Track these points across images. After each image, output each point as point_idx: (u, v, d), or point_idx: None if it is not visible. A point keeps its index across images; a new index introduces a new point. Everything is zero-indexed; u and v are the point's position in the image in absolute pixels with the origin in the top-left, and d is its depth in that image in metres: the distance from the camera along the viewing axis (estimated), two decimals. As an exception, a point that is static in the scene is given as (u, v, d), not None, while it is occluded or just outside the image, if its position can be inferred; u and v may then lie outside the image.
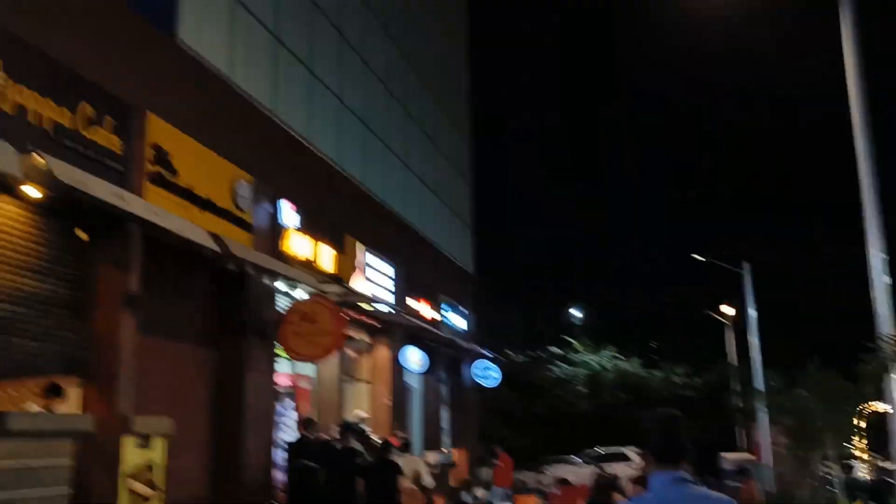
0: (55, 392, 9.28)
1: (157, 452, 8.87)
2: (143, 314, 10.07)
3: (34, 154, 7.10)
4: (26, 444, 6.94)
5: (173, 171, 10.45)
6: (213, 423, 11.77)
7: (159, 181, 10.19)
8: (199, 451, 11.41)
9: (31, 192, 8.52)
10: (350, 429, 12.76)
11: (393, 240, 18.87)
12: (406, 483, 12.64)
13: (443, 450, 21.17)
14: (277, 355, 13.89)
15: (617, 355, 38.22)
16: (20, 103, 8.09)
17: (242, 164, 12.22)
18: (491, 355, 25.13)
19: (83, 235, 9.18)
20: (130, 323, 9.56)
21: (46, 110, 8.43)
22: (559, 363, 37.54)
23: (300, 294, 13.13)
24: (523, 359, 36.89)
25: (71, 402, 9.39)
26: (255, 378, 12.24)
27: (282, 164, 13.74)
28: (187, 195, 10.72)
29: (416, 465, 14.76)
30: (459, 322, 23.68)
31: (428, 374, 21.24)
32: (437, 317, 21.40)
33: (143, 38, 10.35)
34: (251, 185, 12.36)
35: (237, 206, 11.94)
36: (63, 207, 8.99)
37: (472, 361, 24.48)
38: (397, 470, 12.16)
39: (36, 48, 8.38)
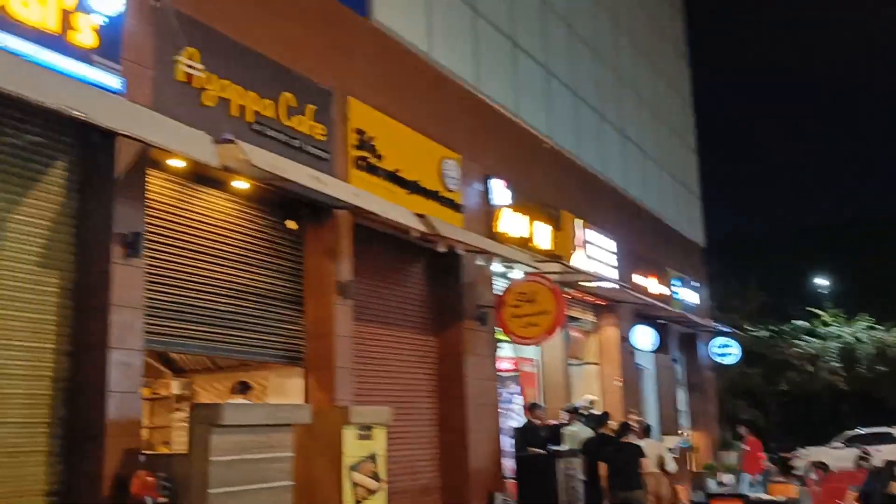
0: (244, 389, 9.35)
1: (378, 443, 8.61)
2: (358, 302, 9.91)
3: (232, 143, 6.97)
4: (246, 438, 6.84)
5: (378, 155, 10.20)
6: (435, 411, 11.49)
7: (365, 166, 9.97)
8: (423, 440, 11.17)
9: (239, 184, 8.54)
10: (576, 412, 12.04)
11: (614, 214, 17.86)
12: (649, 466, 11.74)
13: (681, 433, 19.90)
14: (498, 340, 13.46)
15: (874, 325, 34.49)
16: (223, 97, 8.07)
17: (449, 143, 11.82)
18: (728, 330, 23.39)
19: (293, 225, 9.11)
20: (345, 311, 9.40)
21: (249, 102, 8.38)
22: (805, 337, 34.45)
23: (517, 275, 12.55)
24: (766, 334, 34.18)
25: (292, 394, 9.41)
26: (476, 363, 11.83)
27: (490, 140, 13.23)
28: (394, 178, 10.45)
29: (659, 449, 13.80)
30: (691, 297, 22.18)
31: (660, 353, 20.01)
32: (667, 292, 20.10)
33: (338, 21, 10.17)
34: (459, 165, 11.94)
35: (446, 187, 11.55)
36: (271, 198, 8.97)
37: (709, 338, 22.92)
38: (639, 453, 11.30)
39: (238, 43, 8.34)
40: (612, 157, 18.50)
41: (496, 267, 12.64)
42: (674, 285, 20.91)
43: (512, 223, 13.06)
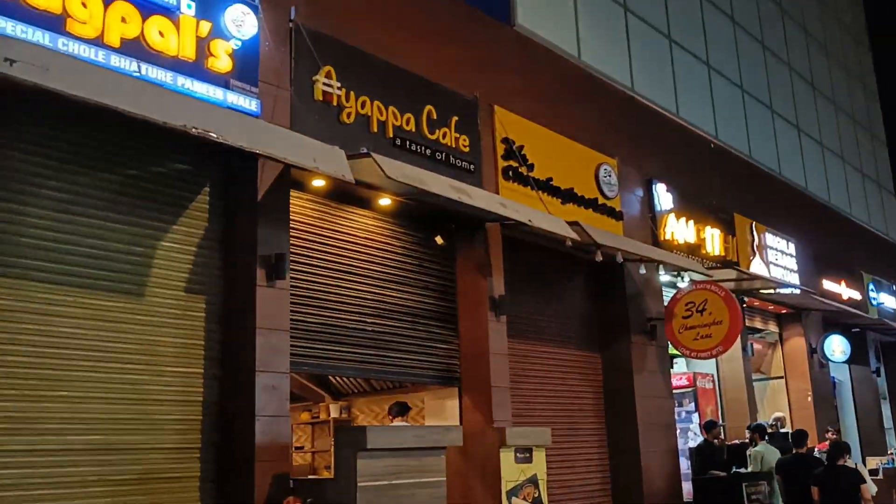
0: (402, 411, 9.06)
1: (539, 466, 8.13)
2: (513, 318, 9.50)
3: (368, 156, 6.78)
4: (395, 462, 6.57)
5: (529, 165, 9.78)
6: (602, 431, 10.85)
7: (514, 176, 9.57)
8: (590, 462, 10.55)
9: (383, 202, 8.37)
10: (760, 429, 11.02)
11: (794, 215, 16.52)
12: (869, 493, 10.21)
13: (891, 453, 18.01)
14: (673, 355, 12.65)
15: None
16: (362, 113, 7.94)
17: (604, 148, 11.23)
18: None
19: (441, 241, 8.84)
20: (499, 328, 9.01)
21: (389, 117, 8.21)
22: None
23: (686, 285, 11.71)
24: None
25: (450, 415, 9.09)
26: (647, 380, 11.09)
27: (649, 143, 12.50)
28: (546, 187, 9.98)
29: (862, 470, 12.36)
30: (891, 301, 20.19)
31: (857, 364, 18.31)
32: (861, 297, 18.36)
33: (480, 30, 9.88)
34: (616, 170, 11.32)
35: (603, 194, 10.95)
36: (417, 214, 8.75)
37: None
38: (858, 478, 9.75)
39: (376, 58, 8.21)
40: (788, 154, 17.15)
41: (664, 277, 11.87)
42: (870, 290, 19.09)
43: (678, 229, 12.24)
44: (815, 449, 13.64)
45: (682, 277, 11.74)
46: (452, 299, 9.07)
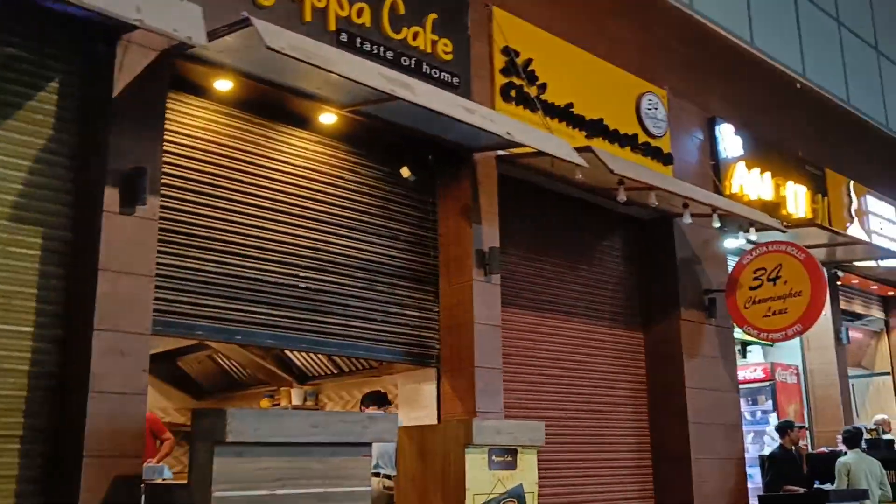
0: (380, 401, 7.06)
1: (526, 473, 5.93)
2: (517, 281, 7.36)
3: (247, 26, 4.72)
4: (280, 463, 4.53)
5: (540, 85, 7.57)
6: (643, 431, 8.54)
7: (517, 98, 7.38)
8: (626, 470, 8.26)
9: (326, 118, 6.33)
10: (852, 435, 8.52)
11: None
12: None
13: None
14: (746, 343, 10.26)
15: None
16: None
17: (649, 74, 8.91)
18: None
19: (408, 173, 6.72)
20: (489, 291, 6.83)
21: (332, 3, 6.16)
22: None
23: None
24: None
25: (424, 404, 7.00)
26: (703, 368, 8.71)
27: (713, 73, 10.06)
28: (564, 116, 7.75)
29: None
30: None
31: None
32: None
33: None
34: (666, 103, 8.96)
35: (646, 131, 8.63)
36: (382, 141, 6.70)
37: None
38: None
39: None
40: (897, 103, 14.24)
41: (732, 244, 9.44)
42: None
43: (750, 182, 9.77)
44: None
45: (752, 240, 9.25)
46: (430, 253, 6.96)
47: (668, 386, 8.54)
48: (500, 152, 6.95)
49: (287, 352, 8.25)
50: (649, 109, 8.70)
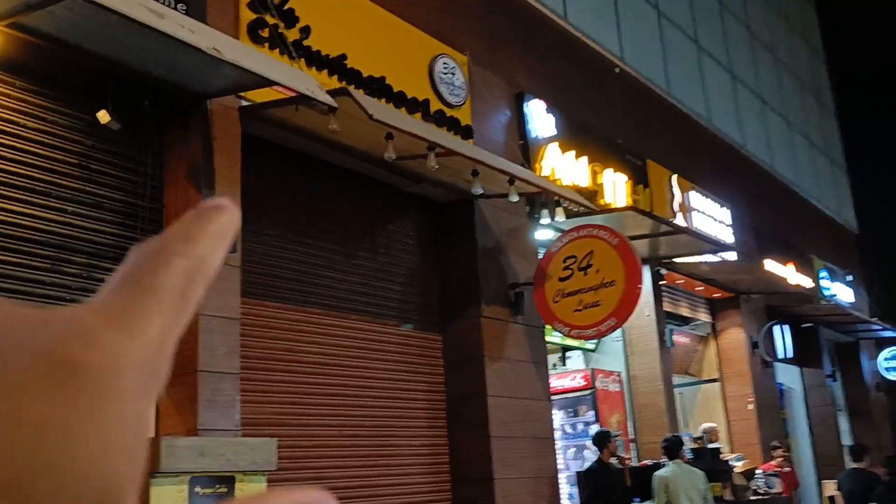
0: None
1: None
2: (272, 268, 5.93)
3: None
4: None
5: (301, 29, 6.20)
6: (440, 449, 7.23)
7: (272, 40, 5.99)
8: (415, 496, 6.91)
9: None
10: (671, 444, 7.53)
11: (729, 176, 13.21)
12: None
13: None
14: (563, 346, 9.23)
15: None
16: None
17: (447, 36, 7.73)
18: (899, 336, 17.97)
19: (107, 118, 5.15)
20: (223, 277, 5.34)
21: None
22: None
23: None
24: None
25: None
26: (509, 374, 7.52)
27: (522, 45, 9.02)
28: (336, 68, 6.41)
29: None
30: (845, 293, 16.96)
31: (808, 367, 15.07)
32: (810, 285, 15.06)
33: None
34: (466, 71, 7.81)
35: (441, 97, 7.42)
36: (78, 79, 5.12)
37: (874, 348, 17.60)
38: None
39: None
40: (719, 100, 13.78)
41: (543, 234, 8.37)
42: (821, 277, 15.83)
43: (563, 165, 8.75)
44: (757, 470, 10.23)
45: (561, 227, 8.19)
46: (144, 227, 5.41)
47: (468, 395, 7.29)
48: (242, 102, 5.52)
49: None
50: (445, 74, 7.50)
